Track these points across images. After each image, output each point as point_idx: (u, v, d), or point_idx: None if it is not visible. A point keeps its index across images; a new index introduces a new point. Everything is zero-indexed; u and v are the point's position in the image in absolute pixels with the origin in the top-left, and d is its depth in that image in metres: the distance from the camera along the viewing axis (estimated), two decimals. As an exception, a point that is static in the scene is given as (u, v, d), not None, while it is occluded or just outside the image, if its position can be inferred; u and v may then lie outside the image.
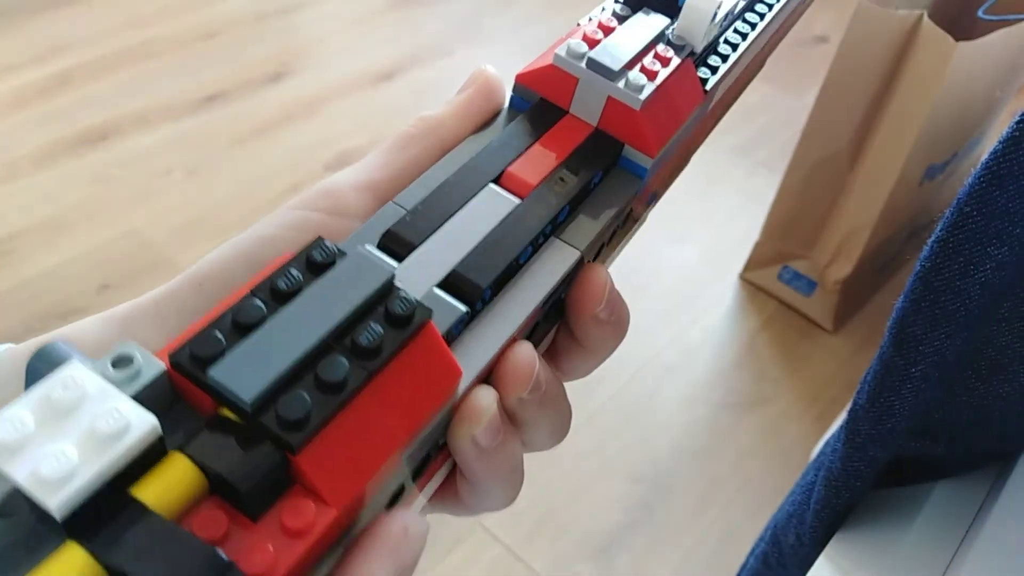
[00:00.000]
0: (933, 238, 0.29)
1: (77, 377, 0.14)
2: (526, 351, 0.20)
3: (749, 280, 1.19)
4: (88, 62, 1.33)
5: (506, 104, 0.25)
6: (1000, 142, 0.27)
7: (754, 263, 1.18)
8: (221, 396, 0.15)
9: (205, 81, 1.34)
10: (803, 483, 0.40)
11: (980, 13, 0.96)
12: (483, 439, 0.19)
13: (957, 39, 0.87)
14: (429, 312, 0.17)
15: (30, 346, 0.21)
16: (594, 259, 0.24)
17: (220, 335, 0.15)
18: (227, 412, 0.15)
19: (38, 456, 0.13)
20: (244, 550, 0.14)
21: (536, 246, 0.21)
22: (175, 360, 0.15)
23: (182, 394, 0.16)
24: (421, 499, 0.21)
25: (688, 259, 1.22)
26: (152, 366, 0.15)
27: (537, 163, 0.22)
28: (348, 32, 1.50)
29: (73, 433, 0.13)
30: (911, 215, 1.11)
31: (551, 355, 0.25)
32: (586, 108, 0.23)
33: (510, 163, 0.22)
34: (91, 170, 1.17)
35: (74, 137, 1.21)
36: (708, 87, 0.25)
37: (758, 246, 1.17)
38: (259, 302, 0.16)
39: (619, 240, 0.26)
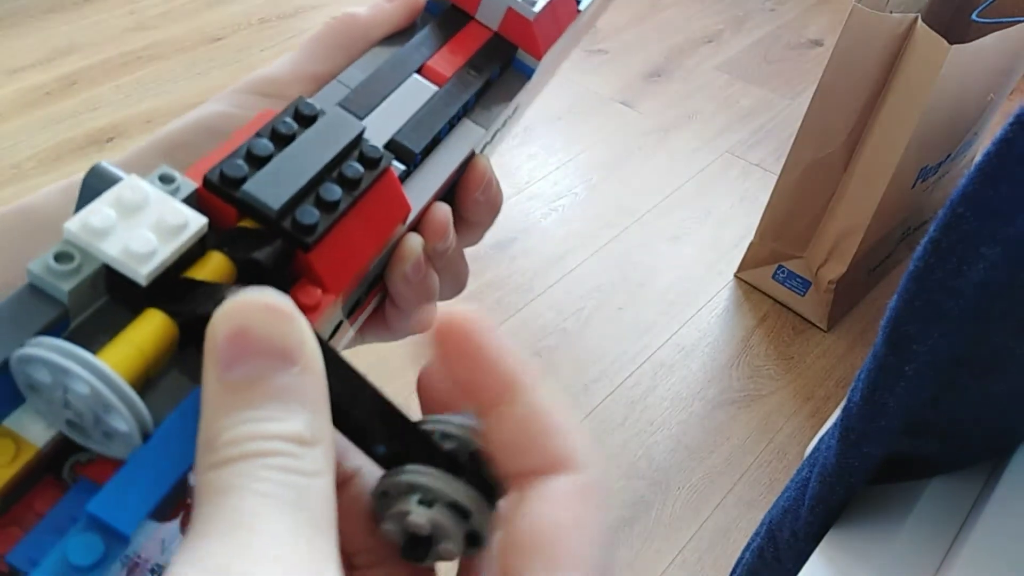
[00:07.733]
0: (926, 238, 0.29)
1: (139, 184, 0.17)
2: (444, 209, 0.26)
3: (744, 280, 1.20)
4: (94, 65, 1.33)
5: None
6: (993, 143, 0.27)
7: (749, 263, 1.19)
8: (250, 207, 0.19)
9: (210, 84, 1.34)
10: (798, 479, 0.41)
11: (974, 16, 0.97)
12: (411, 274, 0.25)
13: (951, 42, 0.88)
14: (392, 158, 0.22)
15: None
16: (490, 140, 0.29)
17: (242, 163, 0.19)
18: (246, 222, 0.19)
19: (126, 238, 0.16)
20: None
21: (452, 124, 0.26)
22: (209, 179, 0.19)
23: (205, 209, 0.19)
24: (351, 331, 0.26)
25: (684, 259, 1.22)
26: (188, 184, 0.19)
27: (450, 59, 0.28)
28: (345, 31, 1.50)
29: (146, 223, 0.17)
30: (904, 216, 1.12)
31: None
32: (489, 15, 0.28)
33: (428, 58, 0.27)
34: (89, 168, 1.17)
35: (80, 139, 1.21)
36: (581, 7, 0.31)
37: (753, 246, 1.17)
38: (267, 141, 0.20)
39: (506, 127, 0.32)
